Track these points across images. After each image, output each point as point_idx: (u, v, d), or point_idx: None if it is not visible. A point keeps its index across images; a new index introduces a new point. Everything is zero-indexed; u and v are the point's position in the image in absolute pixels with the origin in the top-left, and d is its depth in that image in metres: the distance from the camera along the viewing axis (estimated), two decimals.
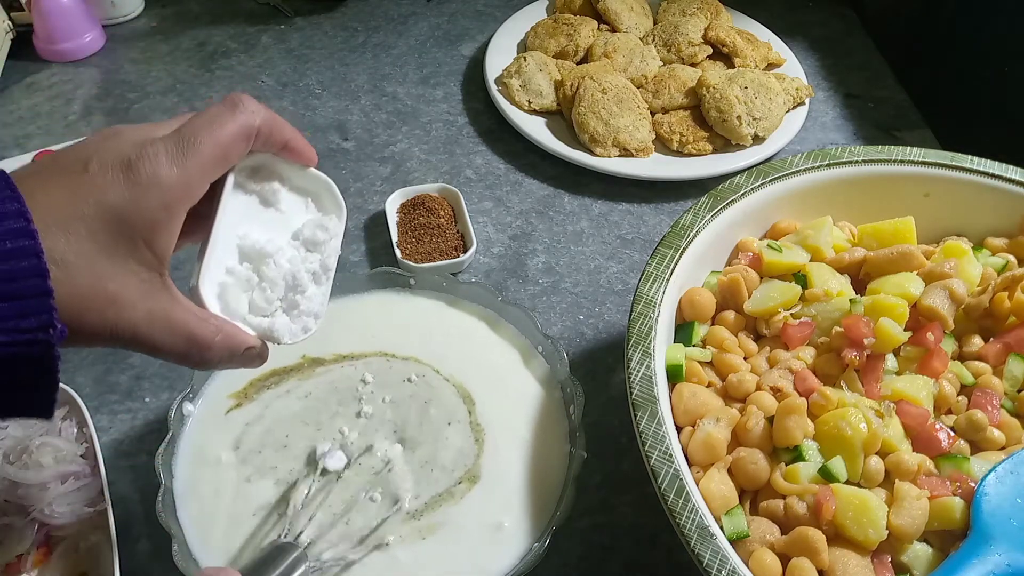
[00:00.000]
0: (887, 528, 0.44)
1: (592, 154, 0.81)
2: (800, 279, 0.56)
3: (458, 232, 0.73)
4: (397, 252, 0.70)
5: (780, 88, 0.85)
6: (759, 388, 0.51)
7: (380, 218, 0.75)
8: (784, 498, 0.47)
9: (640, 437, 0.46)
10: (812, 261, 0.58)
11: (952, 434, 0.49)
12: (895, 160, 0.61)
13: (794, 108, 0.88)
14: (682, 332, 0.56)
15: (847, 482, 0.47)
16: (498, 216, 0.78)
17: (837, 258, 0.58)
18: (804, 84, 0.90)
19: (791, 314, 0.55)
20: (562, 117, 0.86)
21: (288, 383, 0.59)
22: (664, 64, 0.91)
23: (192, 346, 0.34)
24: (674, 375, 0.52)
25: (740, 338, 0.55)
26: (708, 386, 0.53)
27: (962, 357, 0.54)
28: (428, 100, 0.90)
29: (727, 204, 0.58)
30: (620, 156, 0.81)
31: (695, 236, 0.56)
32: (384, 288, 0.64)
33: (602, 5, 0.95)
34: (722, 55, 0.92)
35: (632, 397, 0.48)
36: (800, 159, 0.61)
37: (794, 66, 0.94)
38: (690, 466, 0.48)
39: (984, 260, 0.58)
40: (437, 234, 0.72)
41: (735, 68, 0.89)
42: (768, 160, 0.81)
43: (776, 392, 0.50)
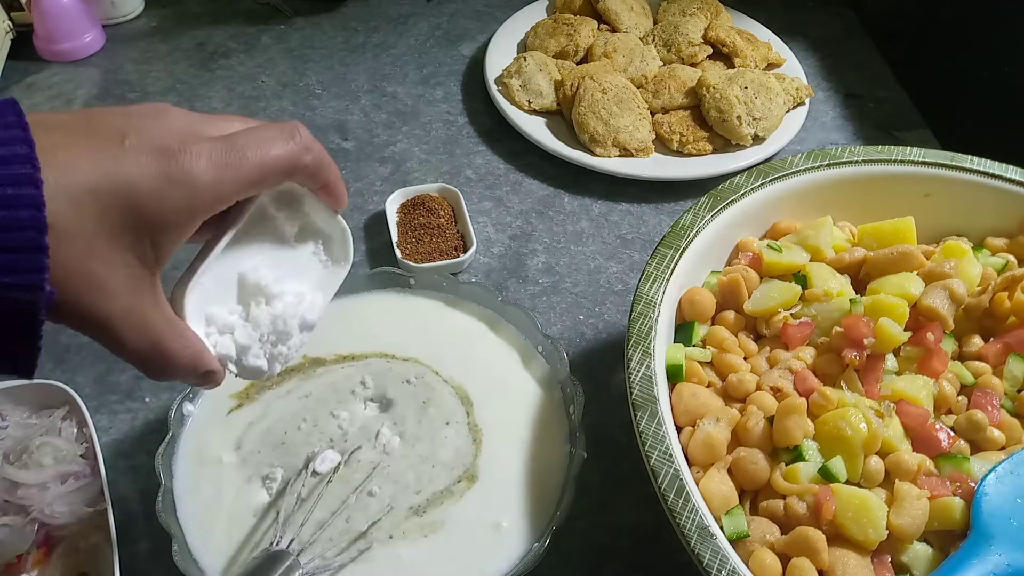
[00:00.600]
0: (887, 528, 0.44)
1: (592, 154, 0.81)
2: (800, 279, 0.56)
3: (458, 232, 0.73)
4: (397, 252, 0.70)
5: (780, 88, 0.85)
6: (759, 388, 0.51)
7: (380, 218, 0.75)
8: (784, 498, 0.47)
9: (640, 437, 0.46)
10: (812, 261, 0.58)
11: (952, 434, 0.49)
12: (895, 160, 0.61)
13: (794, 108, 0.88)
14: (682, 332, 0.56)
15: (847, 482, 0.47)
16: (498, 216, 0.78)
17: (837, 258, 0.58)
18: (804, 84, 0.90)
19: (791, 314, 0.55)
20: (562, 117, 0.86)
21: (289, 383, 0.59)
22: (664, 64, 0.91)
23: (157, 354, 0.32)
24: (674, 375, 0.52)
25: (740, 338, 0.55)
26: (708, 386, 0.53)
27: (962, 357, 0.54)
28: (428, 100, 0.90)
29: (727, 204, 0.58)
30: (620, 156, 0.81)
31: (695, 236, 0.56)
32: (384, 288, 0.64)
33: (602, 5, 0.95)
34: (722, 55, 0.92)
35: (632, 397, 0.48)
36: (800, 159, 0.61)
37: (794, 66, 0.94)
38: (690, 466, 0.48)
39: (984, 260, 0.58)
40: (437, 234, 0.72)
41: (735, 68, 0.89)
42: (768, 160, 0.81)
43: (776, 392, 0.50)
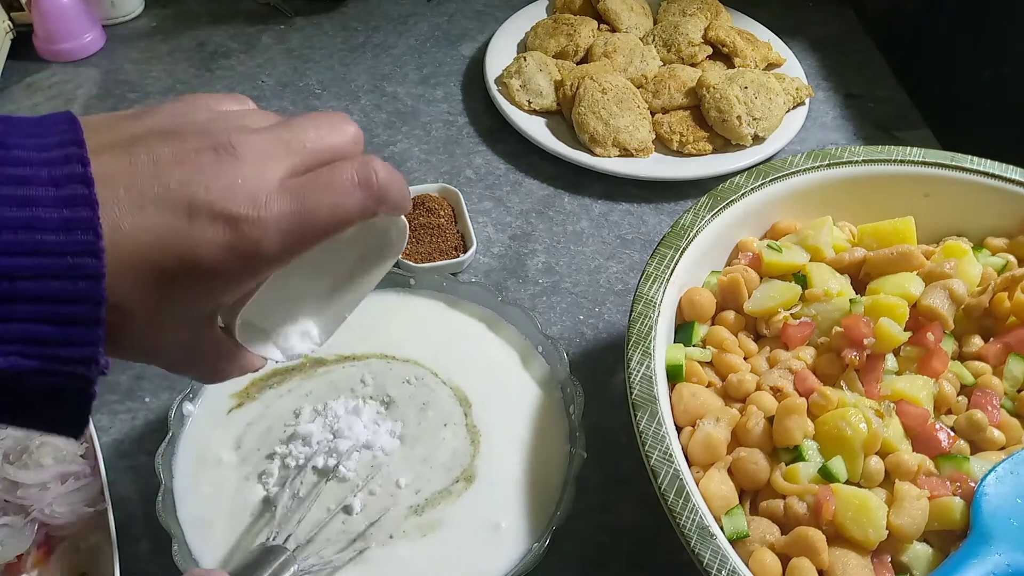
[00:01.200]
0: (887, 528, 0.44)
1: (592, 154, 0.81)
2: (800, 279, 0.56)
3: (458, 232, 0.73)
4: None
5: (780, 88, 0.85)
6: (759, 388, 0.51)
7: None
8: (784, 498, 0.47)
9: (640, 437, 0.46)
10: (812, 261, 0.58)
11: (952, 434, 0.49)
12: (895, 160, 0.61)
13: (794, 108, 0.88)
14: (682, 332, 0.56)
15: (847, 482, 0.47)
16: (498, 216, 0.78)
17: (837, 258, 0.58)
18: (804, 84, 0.90)
19: (791, 314, 0.55)
20: (562, 117, 0.86)
21: (290, 382, 0.59)
22: (664, 64, 0.91)
23: (208, 376, 0.34)
24: (674, 375, 0.52)
25: (740, 338, 0.55)
26: (708, 386, 0.53)
27: (962, 357, 0.54)
28: (428, 100, 0.90)
29: (727, 204, 0.58)
30: (620, 156, 0.81)
31: (695, 236, 0.56)
32: (384, 288, 0.64)
33: (602, 5, 0.95)
34: (722, 55, 0.92)
35: (632, 397, 0.48)
36: (800, 159, 0.61)
37: (794, 66, 0.94)
38: (690, 466, 0.48)
39: (984, 260, 0.58)
40: (437, 234, 0.72)
41: (735, 68, 0.89)
42: (768, 160, 0.81)
43: (776, 392, 0.50)
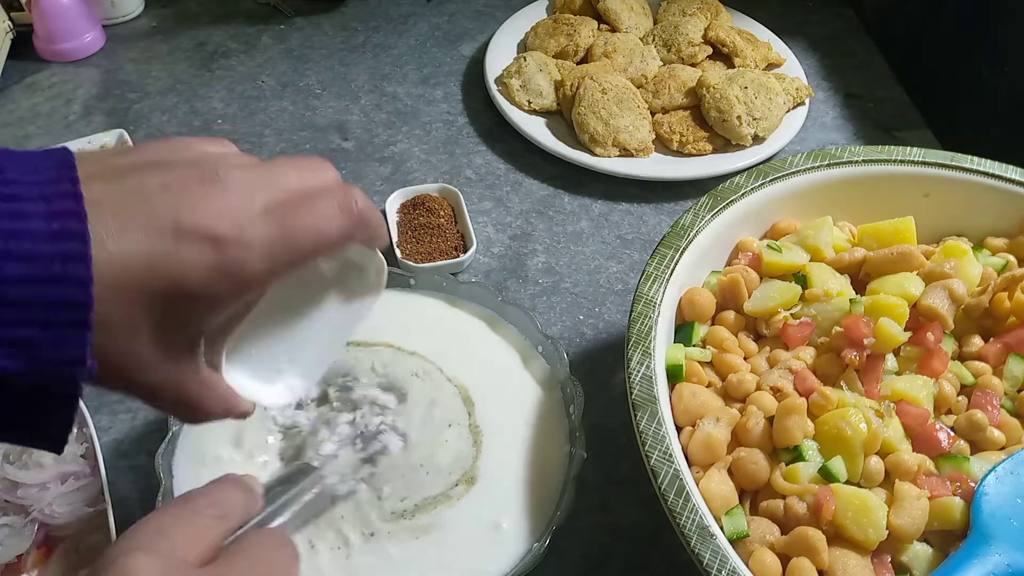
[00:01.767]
0: (887, 528, 0.44)
1: (592, 154, 0.81)
2: (800, 279, 0.56)
3: (458, 232, 0.73)
4: (397, 252, 0.70)
5: (780, 88, 0.85)
6: (759, 388, 0.51)
7: None
8: (784, 498, 0.47)
9: (640, 437, 0.46)
10: (812, 261, 0.58)
11: (952, 434, 0.49)
12: (895, 160, 0.61)
13: (794, 108, 0.88)
14: (682, 332, 0.56)
15: (847, 482, 0.47)
16: (498, 216, 0.78)
17: (837, 258, 0.58)
18: (804, 84, 0.90)
19: (791, 314, 0.55)
20: (562, 117, 0.86)
21: None
22: (664, 64, 0.91)
23: (191, 411, 0.33)
24: (674, 375, 0.52)
25: (740, 338, 0.55)
26: (708, 386, 0.53)
27: (962, 357, 0.54)
28: (428, 100, 0.90)
29: (727, 204, 0.58)
30: (620, 156, 0.81)
31: (695, 236, 0.56)
32: (385, 288, 0.64)
33: (602, 5, 0.95)
34: (722, 55, 0.92)
35: (632, 397, 0.48)
36: (800, 159, 0.61)
37: (794, 66, 0.94)
38: (690, 466, 0.48)
39: (984, 260, 0.58)
40: (437, 234, 0.72)
41: (735, 68, 0.89)
42: (768, 160, 0.81)
43: (776, 392, 0.50)
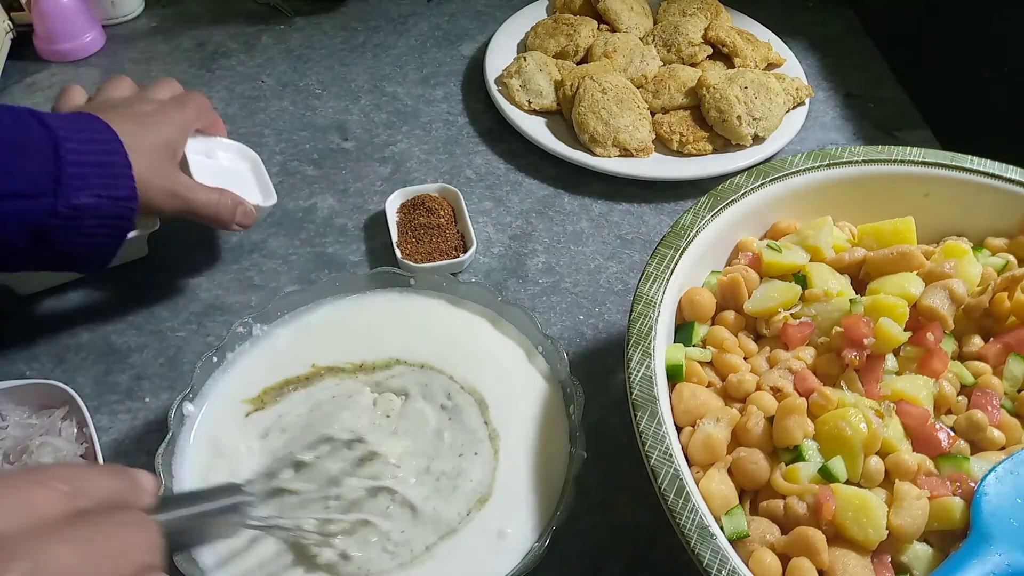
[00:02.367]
0: (887, 528, 0.44)
1: (592, 154, 0.81)
2: (800, 279, 0.56)
3: (458, 232, 0.73)
4: (397, 252, 0.70)
5: (780, 88, 0.85)
6: (759, 388, 0.51)
7: (380, 218, 0.75)
8: (784, 498, 0.47)
9: (640, 437, 0.46)
10: (812, 261, 0.58)
11: (952, 434, 0.49)
12: (895, 160, 0.61)
13: (794, 108, 0.88)
14: (682, 332, 0.56)
15: (847, 482, 0.47)
16: (498, 216, 0.78)
17: (837, 258, 0.58)
18: (804, 84, 0.90)
19: (791, 314, 0.55)
20: (562, 117, 0.86)
21: (302, 391, 0.58)
22: (664, 64, 0.91)
23: (210, 194, 0.61)
24: (674, 375, 0.52)
25: (740, 338, 0.55)
26: (708, 386, 0.53)
27: (962, 357, 0.54)
28: (428, 100, 0.90)
29: (727, 204, 0.58)
30: (620, 156, 0.81)
31: (695, 236, 0.56)
32: (384, 288, 0.64)
33: (602, 5, 0.95)
34: (722, 55, 0.92)
35: (632, 397, 0.48)
36: (800, 159, 0.61)
37: (794, 66, 0.94)
38: (690, 466, 0.48)
39: (984, 260, 0.58)
40: (437, 234, 0.72)
41: (735, 68, 0.89)
42: (768, 160, 0.81)
43: (776, 392, 0.50)
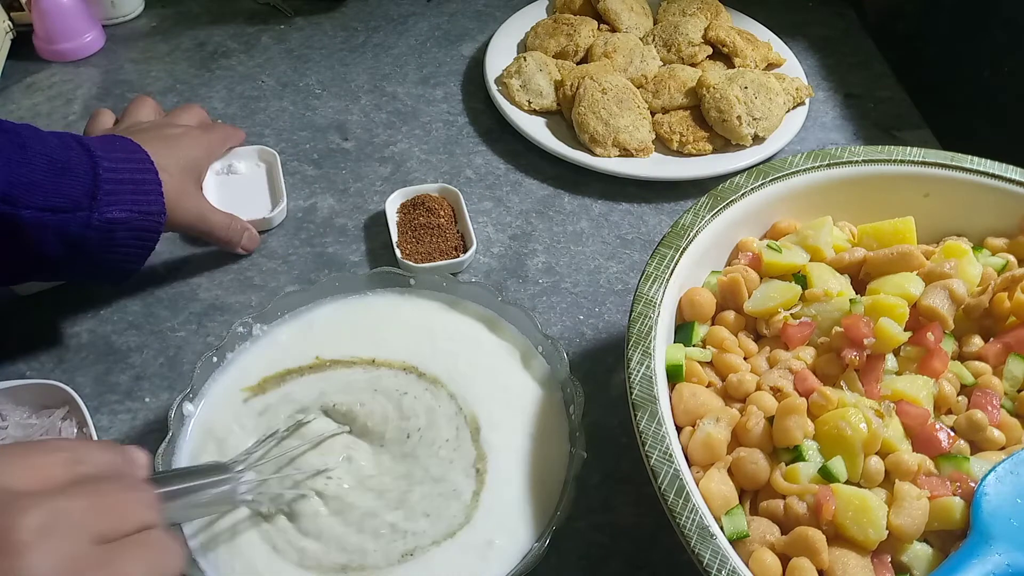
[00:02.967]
0: (887, 528, 0.44)
1: (592, 154, 0.81)
2: (800, 279, 0.56)
3: (458, 232, 0.73)
4: (397, 252, 0.70)
5: (780, 88, 0.85)
6: (759, 388, 0.51)
7: (380, 218, 0.75)
8: (784, 498, 0.47)
9: (640, 437, 0.46)
10: (812, 261, 0.58)
11: (952, 434, 0.49)
12: (895, 160, 0.61)
13: (794, 108, 0.88)
14: (682, 332, 0.56)
15: (847, 482, 0.47)
16: (498, 216, 0.78)
17: (837, 258, 0.58)
18: (804, 84, 0.90)
19: (791, 314, 0.55)
20: (562, 117, 0.86)
21: (305, 378, 0.58)
22: (664, 64, 0.91)
23: (223, 218, 0.67)
24: (674, 375, 0.52)
25: (740, 338, 0.55)
26: (708, 386, 0.53)
27: (962, 357, 0.54)
28: (428, 100, 0.90)
29: (727, 204, 0.58)
30: (620, 156, 0.81)
31: (695, 236, 0.56)
32: (384, 288, 0.64)
33: (602, 5, 0.95)
34: (722, 55, 0.92)
35: (632, 397, 0.48)
36: (800, 159, 0.61)
37: (794, 66, 0.94)
38: (690, 466, 0.48)
39: (984, 260, 0.58)
40: (437, 234, 0.72)
41: (735, 68, 0.89)
42: (768, 160, 0.81)
43: (776, 392, 0.50)
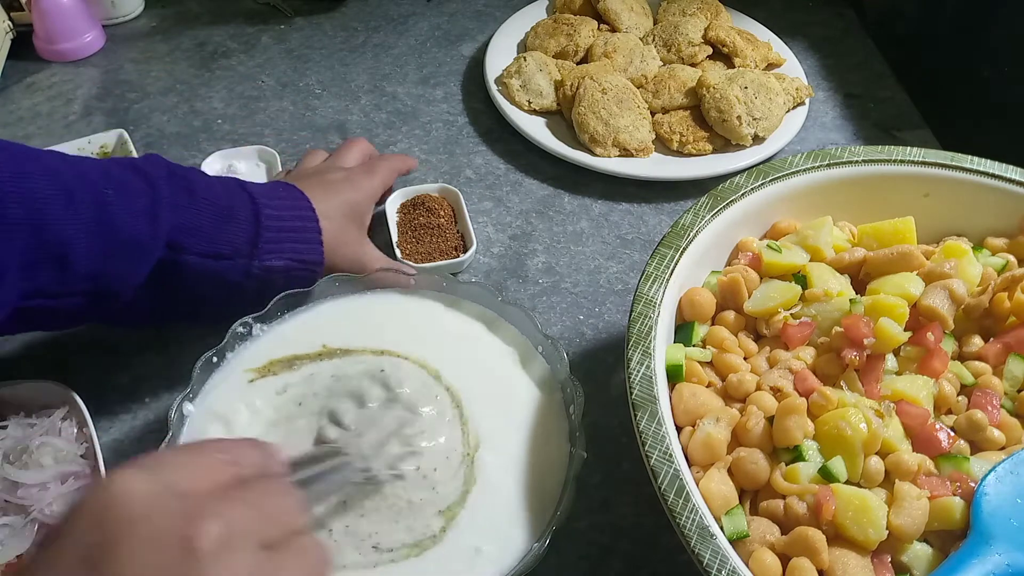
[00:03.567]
0: (887, 528, 0.44)
1: (592, 154, 0.81)
2: (800, 279, 0.56)
3: (458, 232, 0.73)
4: (397, 252, 0.70)
5: (780, 88, 0.85)
6: (759, 388, 0.51)
7: (380, 218, 0.74)
8: (784, 498, 0.47)
9: (640, 437, 0.46)
10: (812, 261, 0.58)
11: (952, 434, 0.49)
12: (895, 160, 0.61)
13: (794, 108, 0.88)
14: (682, 332, 0.56)
15: (847, 482, 0.47)
16: (498, 216, 0.78)
17: (837, 258, 0.58)
18: (804, 84, 0.90)
19: (791, 314, 0.55)
20: (562, 117, 0.86)
21: (310, 367, 0.58)
22: (664, 64, 0.91)
23: (381, 265, 0.64)
24: (674, 375, 0.52)
25: (740, 338, 0.55)
26: (708, 386, 0.53)
27: (962, 357, 0.54)
28: (428, 100, 0.90)
29: (727, 204, 0.58)
30: (620, 156, 0.81)
31: (695, 236, 0.56)
32: (384, 288, 0.64)
33: (602, 5, 0.95)
34: (722, 55, 0.92)
35: (632, 397, 0.48)
36: (800, 159, 0.61)
37: (794, 66, 0.94)
38: (690, 466, 0.48)
39: (984, 260, 0.58)
40: (437, 234, 0.72)
41: (735, 68, 0.89)
42: (768, 160, 0.81)
43: (776, 392, 0.50)
